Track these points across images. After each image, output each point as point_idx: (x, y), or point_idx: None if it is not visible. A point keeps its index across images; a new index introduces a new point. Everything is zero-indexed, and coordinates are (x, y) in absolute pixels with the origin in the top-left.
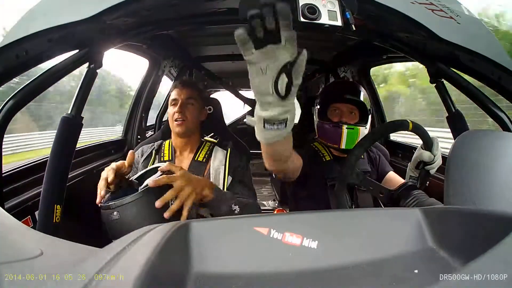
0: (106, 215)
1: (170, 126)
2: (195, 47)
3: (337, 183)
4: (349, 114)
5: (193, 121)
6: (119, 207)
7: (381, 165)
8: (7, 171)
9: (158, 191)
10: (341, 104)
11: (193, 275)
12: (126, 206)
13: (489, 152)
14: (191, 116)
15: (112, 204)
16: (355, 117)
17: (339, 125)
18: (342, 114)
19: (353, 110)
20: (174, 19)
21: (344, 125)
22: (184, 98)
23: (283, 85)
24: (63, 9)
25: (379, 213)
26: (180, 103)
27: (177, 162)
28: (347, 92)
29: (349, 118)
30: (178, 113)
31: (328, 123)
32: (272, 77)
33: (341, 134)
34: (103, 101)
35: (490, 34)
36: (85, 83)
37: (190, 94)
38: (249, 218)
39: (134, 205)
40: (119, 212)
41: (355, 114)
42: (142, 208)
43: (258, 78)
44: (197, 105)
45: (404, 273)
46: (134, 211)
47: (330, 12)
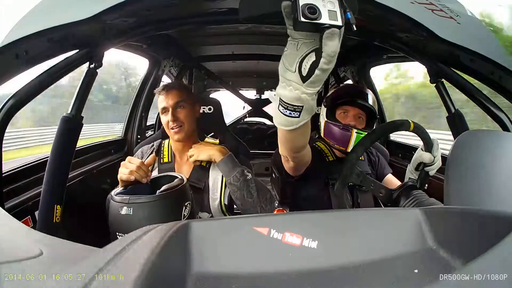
0: (116, 208)
1: (167, 133)
2: (195, 47)
3: (337, 183)
4: (358, 119)
5: (189, 123)
6: (134, 204)
7: (380, 167)
8: (7, 171)
9: (175, 198)
10: (351, 107)
11: (193, 275)
12: (142, 204)
13: (489, 152)
14: (186, 120)
15: (127, 198)
16: (362, 122)
17: (349, 129)
18: (351, 117)
19: (361, 115)
20: (174, 19)
21: (354, 129)
22: (173, 103)
23: (307, 64)
24: (63, 9)
25: (379, 213)
26: (171, 111)
27: (176, 166)
28: (359, 96)
29: (358, 122)
30: (172, 122)
31: (337, 125)
32: (301, 55)
33: (350, 138)
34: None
35: (490, 34)
36: (85, 83)
37: (178, 97)
38: (249, 218)
39: (150, 206)
40: (132, 208)
41: (362, 119)
42: (156, 210)
43: (289, 51)
44: (189, 106)
45: (404, 273)
46: (148, 211)
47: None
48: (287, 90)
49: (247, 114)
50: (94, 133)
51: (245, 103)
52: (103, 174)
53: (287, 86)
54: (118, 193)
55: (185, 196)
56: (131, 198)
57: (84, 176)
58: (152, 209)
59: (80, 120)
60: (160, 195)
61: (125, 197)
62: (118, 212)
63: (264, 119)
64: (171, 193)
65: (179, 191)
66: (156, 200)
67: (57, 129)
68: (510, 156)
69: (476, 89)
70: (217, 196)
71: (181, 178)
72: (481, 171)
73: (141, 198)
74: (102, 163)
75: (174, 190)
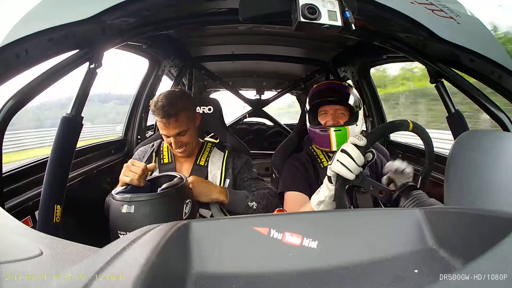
0: (117, 206)
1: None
2: (195, 47)
3: (337, 183)
4: (339, 115)
5: (192, 141)
6: (135, 202)
7: (380, 170)
8: (7, 171)
9: (176, 195)
10: (328, 106)
11: (193, 275)
12: (144, 202)
13: (489, 152)
14: (190, 140)
15: (128, 197)
16: (344, 116)
17: (326, 129)
18: (330, 116)
19: (341, 109)
20: (174, 19)
21: (331, 127)
22: (174, 133)
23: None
24: (63, 9)
25: (379, 213)
26: (174, 140)
27: (177, 165)
28: (329, 93)
29: (339, 118)
30: (175, 147)
31: (317, 128)
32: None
33: (330, 138)
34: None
35: (490, 34)
36: (85, 83)
37: (179, 126)
38: (249, 218)
39: (152, 204)
40: (134, 206)
41: (343, 114)
42: (158, 208)
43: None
44: (190, 128)
45: (404, 273)
46: (150, 209)
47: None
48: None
49: (247, 114)
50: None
51: (245, 103)
52: (103, 174)
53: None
54: (118, 192)
55: (186, 194)
56: (132, 196)
57: (84, 176)
58: (154, 207)
59: (80, 120)
60: (162, 192)
61: (126, 196)
62: (119, 210)
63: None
64: (172, 191)
65: (180, 189)
66: (158, 198)
67: (57, 129)
68: (510, 156)
69: (476, 89)
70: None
71: (181, 177)
72: (481, 171)
73: (143, 196)
74: (102, 163)
75: (175, 188)
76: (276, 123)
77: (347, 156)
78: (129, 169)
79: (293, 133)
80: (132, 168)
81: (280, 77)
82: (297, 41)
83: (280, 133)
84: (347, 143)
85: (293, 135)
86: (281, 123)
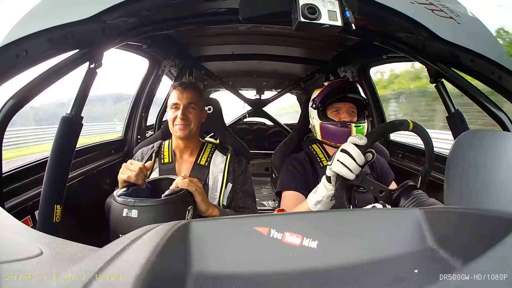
0: (119, 209)
1: (170, 130)
2: (195, 47)
3: (337, 183)
4: (350, 113)
5: (195, 124)
6: (139, 207)
7: (384, 172)
8: (7, 171)
9: (180, 202)
10: (342, 104)
11: (193, 275)
12: (148, 208)
13: (489, 152)
14: (194, 120)
15: (132, 201)
16: (354, 115)
17: (347, 125)
18: (345, 113)
19: (352, 108)
20: (174, 19)
21: (352, 123)
22: (186, 102)
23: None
24: (62, 9)
25: (379, 213)
26: (182, 109)
27: (177, 165)
28: (348, 91)
29: (351, 116)
30: (181, 119)
31: (335, 124)
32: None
33: (351, 134)
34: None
35: (490, 34)
36: (85, 83)
37: (192, 98)
38: (249, 218)
39: (156, 210)
40: (138, 211)
41: (354, 112)
42: (162, 214)
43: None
44: (199, 108)
45: (404, 273)
46: (154, 215)
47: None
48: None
49: (247, 114)
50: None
51: (245, 103)
52: (103, 174)
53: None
54: (120, 195)
55: (188, 201)
56: (136, 201)
57: (84, 176)
58: (157, 213)
59: (80, 120)
60: (166, 199)
61: (130, 200)
62: (121, 213)
63: (264, 119)
64: (176, 198)
65: (183, 195)
66: (162, 204)
67: (57, 129)
68: (510, 156)
69: (476, 89)
70: (216, 195)
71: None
72: (481, 171)
73: (146, 202)
74: (102, 163)
75: (179, 195)
76: (276, 123)
77: (348, 155)
78: (127, 167)
79: (293, 132)
80: (130, 166)
81: (280, 77)
82: (297, 41)
83: (280, 133)
84: (347, 143)
85: (293, 135)
86: (281, 123)
